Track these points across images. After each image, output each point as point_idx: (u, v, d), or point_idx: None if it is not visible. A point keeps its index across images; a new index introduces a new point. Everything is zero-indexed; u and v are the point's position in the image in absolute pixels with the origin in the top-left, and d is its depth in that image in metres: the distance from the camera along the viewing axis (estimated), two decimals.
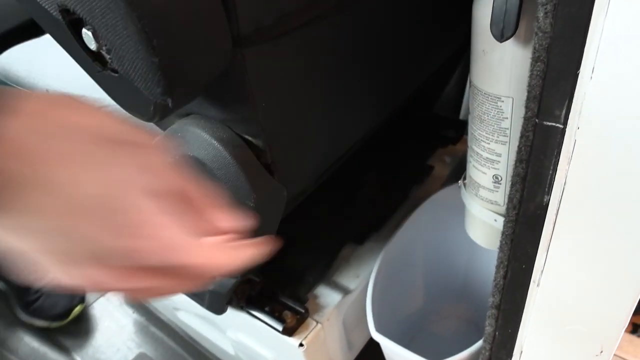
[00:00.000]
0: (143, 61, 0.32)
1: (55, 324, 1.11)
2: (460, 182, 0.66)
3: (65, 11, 0.35)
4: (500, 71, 0.50)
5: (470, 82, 0.54)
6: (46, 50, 0.72)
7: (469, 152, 0.60)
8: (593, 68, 0.34)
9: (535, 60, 0.36)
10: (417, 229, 0.86)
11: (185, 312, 1.00)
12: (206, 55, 0.35)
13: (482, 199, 0.61)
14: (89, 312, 1.16)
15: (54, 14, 0.36)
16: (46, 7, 0.36)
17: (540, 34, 0.35)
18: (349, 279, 0.80)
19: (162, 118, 0.38)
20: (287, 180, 0.54)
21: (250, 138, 0.48)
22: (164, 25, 0.31)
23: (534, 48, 0.36)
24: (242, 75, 0.40)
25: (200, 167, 0.50)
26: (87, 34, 0.35)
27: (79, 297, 1.14)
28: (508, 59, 0.48)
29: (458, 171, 1.01)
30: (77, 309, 1.13)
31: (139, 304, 1.16)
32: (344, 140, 0.63)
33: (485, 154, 0.57)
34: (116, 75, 0.36)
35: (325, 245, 0.82)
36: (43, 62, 0.71)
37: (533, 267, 0.47)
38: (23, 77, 0.71)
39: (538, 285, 0.48)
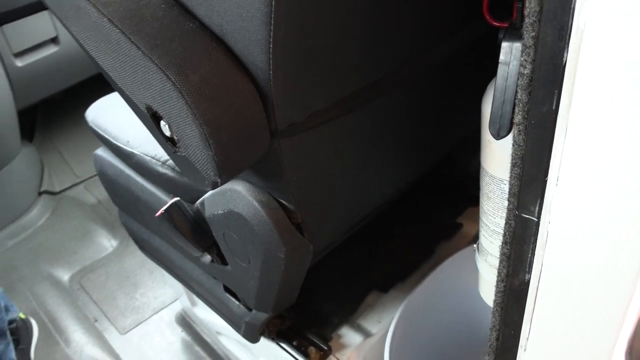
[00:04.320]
0: (202, 153, 0.44)
1: None
2: (474, 245, 0.73)
3: (150, 108, 0.47)
4: (501, 159, 0.57)
5: (481, 164, 0.62)
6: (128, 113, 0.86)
7: (480, 223, 0.68)
8: (558, 177, 0.42)
9: (513, 165, 0.44)
10: (440, 283, 0.92)
11: (227, 337, 1.10)
12: (249, 148, 0.46)
13: (491, 265, 0.68)
14: (143, 327, 1.29)
15: (142, 108, 0.48)
16: (137, 103, 0.48)
17: (516, 146, 0.43)
18: (372, 323, 0.87)
19: (214, 188, 0.49)
20: (315, 237, 0.64)
21: (284, 202, 0.58)
22: (218, 130, 0.42)
23: (512, 155, 0.44)
24: (278, 158, 0.50)
25: (242, 221, 0.61)
26: (164, 125, 0.47)
27: None
28: (507, 150, 0.56)
29: None
30: None
31: (187, 325, 1.28)
32: (368, 204, 0.72)
33: (492, 227, 0.64)
34: (183, 155, 0.48)
35: (352, 291, 0.91)
36: (126, 120, 0.86)
37: (520, 333, 0.53)
38: (110, 128, 0.86)
39: (525, 350, 0.54)
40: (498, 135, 0.52)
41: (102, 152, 0.96)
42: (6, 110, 1.38)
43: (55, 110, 1.81)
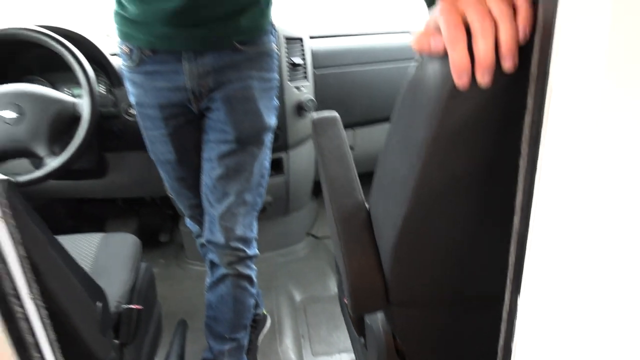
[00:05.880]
0: (349, 299, 0.88)
1: None
2: None
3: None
4: None
5: None
6: None
7: None
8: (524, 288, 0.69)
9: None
10: None
11: None
12: (371, 306, 0.87)
13: None
14: (329, 357, 1.78)
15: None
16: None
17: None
18: None
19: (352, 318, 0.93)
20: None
21: (396, 336, 0.97)
22: (357, 294, 0.85)
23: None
24: (390, 316, 0.90)
25: (374, 334, 1.02)
26: None
27: None
28: None
29: None
30: None
31: None
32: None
33: None
34: None
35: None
36: None
37: None
38: None
39: None
40: None
41: None
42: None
43: None
